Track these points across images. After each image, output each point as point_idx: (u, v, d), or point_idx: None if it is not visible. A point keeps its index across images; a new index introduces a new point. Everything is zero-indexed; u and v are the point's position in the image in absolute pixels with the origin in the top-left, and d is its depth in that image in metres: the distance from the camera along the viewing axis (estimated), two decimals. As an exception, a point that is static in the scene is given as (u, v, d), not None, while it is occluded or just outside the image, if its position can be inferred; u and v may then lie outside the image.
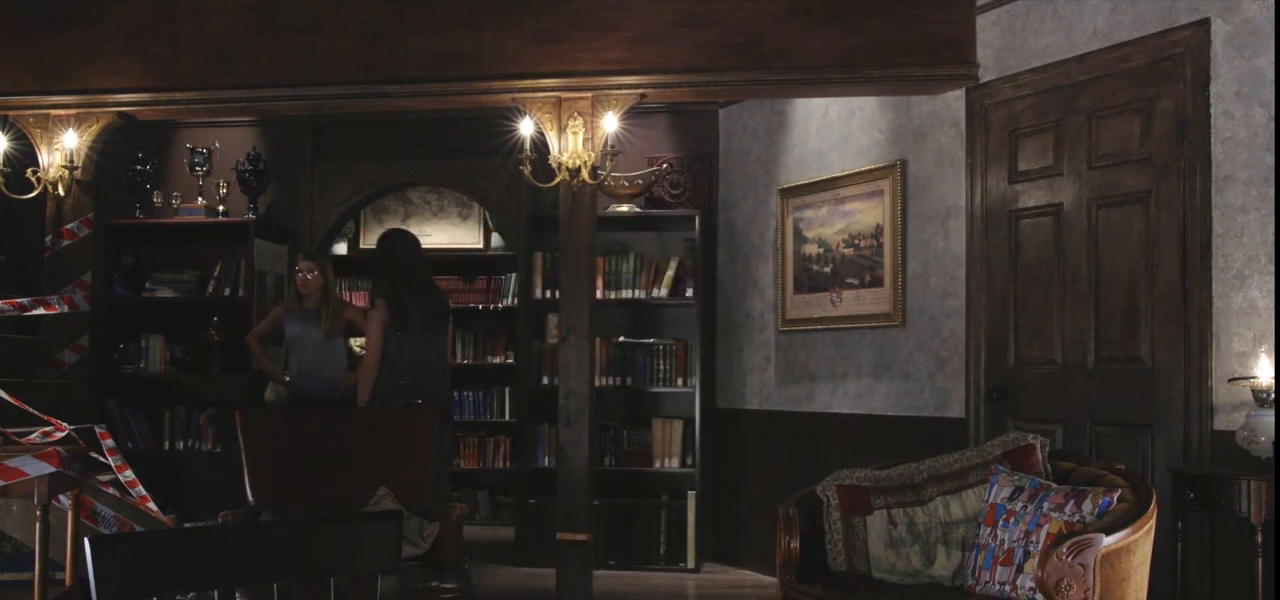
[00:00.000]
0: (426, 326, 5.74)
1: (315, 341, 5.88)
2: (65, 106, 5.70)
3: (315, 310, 5.88)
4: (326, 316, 5.85)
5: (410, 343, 5.68)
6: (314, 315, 5.88)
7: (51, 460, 3.81)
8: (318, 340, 5.88)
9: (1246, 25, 4.14)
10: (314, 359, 5.92)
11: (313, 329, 5.88)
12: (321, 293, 5.87)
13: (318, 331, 5.87)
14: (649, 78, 5.39)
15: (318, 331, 5.87)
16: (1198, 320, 4.26)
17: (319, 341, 5.88)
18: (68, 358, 5.79)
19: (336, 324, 5.92)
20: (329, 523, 1.74)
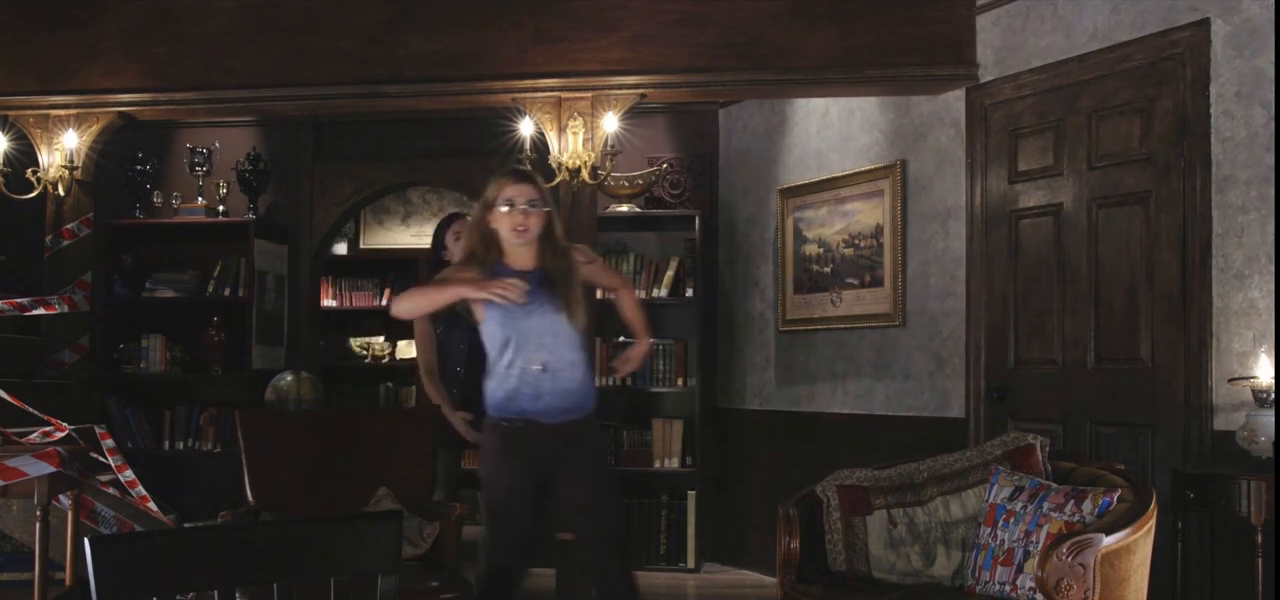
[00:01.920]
0: None
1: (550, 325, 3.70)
2: (65, 106, 5.70)
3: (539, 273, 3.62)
4: (560, 275, 3.62)
5: None
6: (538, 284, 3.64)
7: (51, 460, 3.81)
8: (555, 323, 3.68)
9: (1246, 25, 4.15)
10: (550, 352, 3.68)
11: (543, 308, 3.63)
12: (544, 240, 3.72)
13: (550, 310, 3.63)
14: (649, 78, 5.39)
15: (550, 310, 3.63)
16: (1198, 320, 4.26)
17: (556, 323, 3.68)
18: (68, 358, 5.79)
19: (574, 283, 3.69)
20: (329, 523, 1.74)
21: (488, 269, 3.54)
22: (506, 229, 3.54)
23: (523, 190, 3.53)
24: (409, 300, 3.73)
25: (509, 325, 3.53)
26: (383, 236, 7.93)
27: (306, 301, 7.02)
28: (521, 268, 3.56)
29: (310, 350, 7.03)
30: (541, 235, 3.58)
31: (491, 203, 3.55)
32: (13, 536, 4.90)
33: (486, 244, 3.59)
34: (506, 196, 3.52)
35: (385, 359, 7.92)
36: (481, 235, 3.60)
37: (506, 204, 3.52)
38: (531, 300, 3.49)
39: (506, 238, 3.56)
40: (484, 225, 3.58)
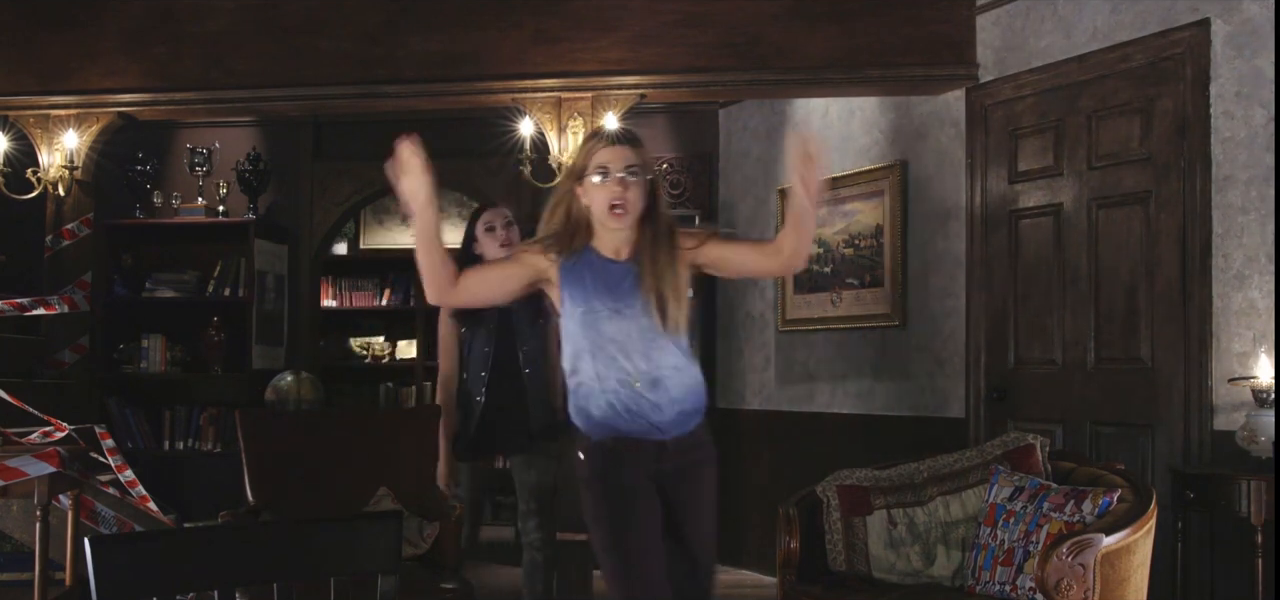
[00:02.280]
0: None
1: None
2: (65, 106, 5.70)
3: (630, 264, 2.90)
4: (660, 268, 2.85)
5: None
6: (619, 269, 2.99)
7: (52, 460, 3.82)
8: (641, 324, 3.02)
9: (1246, 25, 4.14)
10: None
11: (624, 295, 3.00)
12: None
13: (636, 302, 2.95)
14: (649, 78, 5.39)
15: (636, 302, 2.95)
16: (1198, 320, 4.26)
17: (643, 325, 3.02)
18: (68, 358, 5.79)
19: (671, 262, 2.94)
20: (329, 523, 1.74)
21: (572, 257, 2.79)
22: (601, 206, 2.74)
23: (620, 154, 2.73)
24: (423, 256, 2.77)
25: (590, 327, 2.76)
26: (383, 236, 7.93)
27: (306, 301, 7.02)
28: (614, 256, 2.80)
29: (310, 350, 7.03)
30: (643, 215, 2.78)
31: (580, 172, 2.77)
32: (13, 536, 4.90)
33: (572, 226, 2.80)
34: (599, 163, 2.73)
35: (385, 359, 7.93)
36: (567, 215, 2.80)
37: (599, 173, 2.72)
38: (619, 297, 2.76)
39: (600, 218, 2.77)
40: (571, 203, 2.79)
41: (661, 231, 2.80)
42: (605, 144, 2.78)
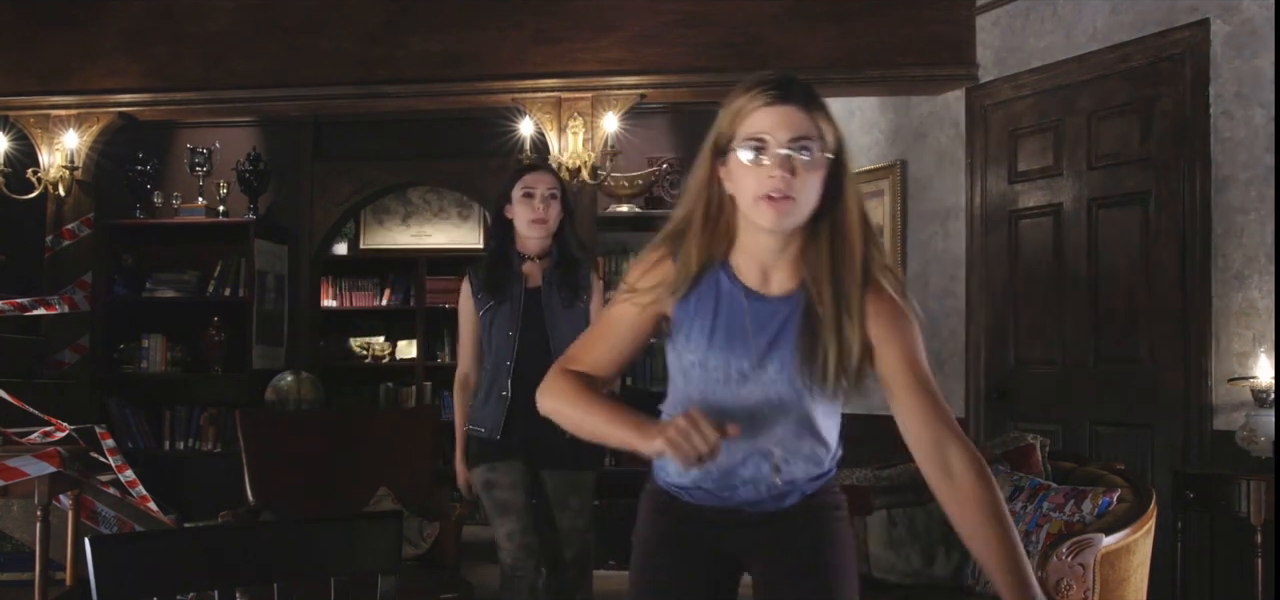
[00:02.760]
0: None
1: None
2: (66, 106, 5.71)
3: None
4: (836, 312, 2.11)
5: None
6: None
7: (52, 460, 3.82)
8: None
9: (1246, 26, 4.15)
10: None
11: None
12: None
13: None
14: (649, 78, 5.39)
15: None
16: (1197, 320, 4.26)
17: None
18: (68, 358, 5.79)
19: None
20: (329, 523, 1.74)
21: (693, 278, 1.91)
22: (754, 195, 1.82)
23: (788, 119, 1.80)
24: (553, 400, 2.00)
25: (701, 387, 1.96)
26: (383, 236, 7.93)
27: (306, 301, 7.02)
28: (764, 290, 1.90)
29: (310, 350, 7.03)
30: (812, 224, 1.86)
31: (726, 144, 1.84)
32: (13, 536, 4.90)
33: (712, 222, 1.90)
34: (754, 132, 1.81)
35: (385, 359, 7.93)
36: (706, 204, 1.90)
37: (752, 148, 1.81)
38: (760, 354, 1.90)
39: (753, 214, 1.83)
40: (708, 197, 1.90)
41: (848, 256, 1.83)
42: (765, 99, 1.80)
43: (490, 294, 3.57)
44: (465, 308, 3.68)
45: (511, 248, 3.62)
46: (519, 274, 3.60)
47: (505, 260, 3.61)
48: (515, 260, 3.61)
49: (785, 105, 1.80)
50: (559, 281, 3.60)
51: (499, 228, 3.65)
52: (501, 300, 3.56)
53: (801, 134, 1.79)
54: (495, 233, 3.70)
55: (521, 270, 3.61)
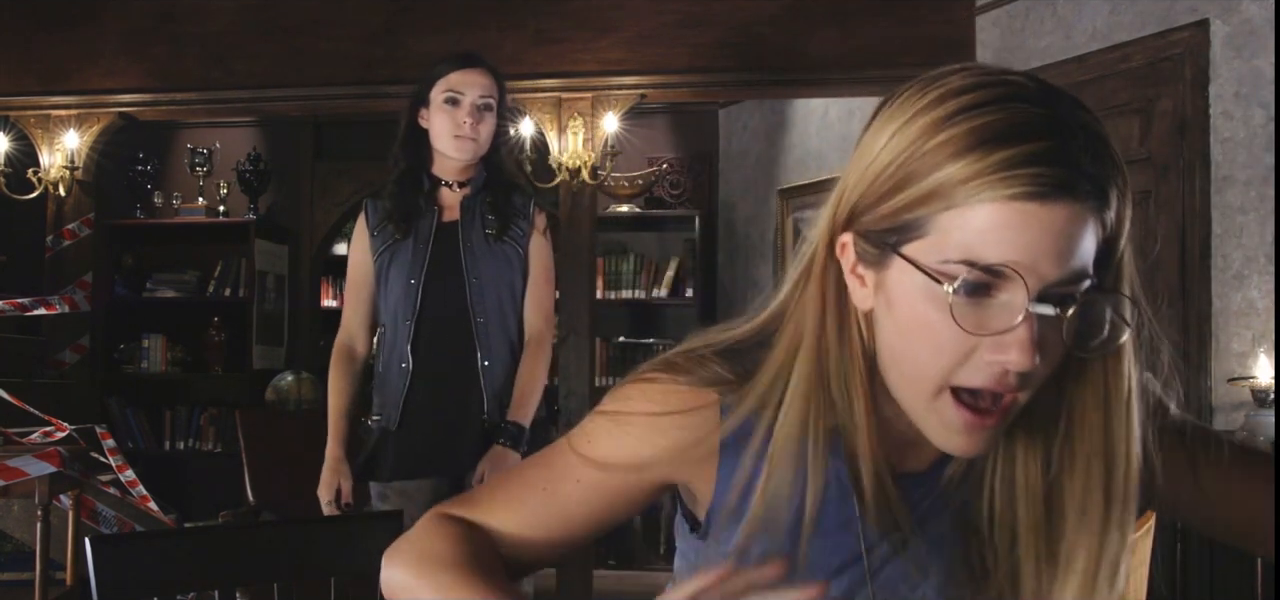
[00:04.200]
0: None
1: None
2: (66, 107, 5.71)
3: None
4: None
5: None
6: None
7: (52, 460, 3.82)
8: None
9: (1246, 26, 4.15)
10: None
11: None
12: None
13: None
14: (649, 78, 5.39)
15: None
16: (1197, 320, 4.26)
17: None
18: (68, 358, 5.79)
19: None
20: (329, 523, 1.74)
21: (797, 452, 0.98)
22: (962, 363, 0.89)
23: (1052, 229, 0.86)
24: (399, 567, 1.05)
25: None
26: (383, 236, 7.93)
27: (307, 301, 7.02)
28: (901, 464, 1.02)
29: (310, 350, 7.03)
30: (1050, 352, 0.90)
31: (890, 237, 0.91)
32: (13, 536, 4.90)
33: (834, 362, 0.97)
34: (998, 244, 0.86)
35: (385, 359, 7.92)
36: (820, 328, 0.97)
37: (983, 272, 0.87)
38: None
39: (924, 412, 0.94)
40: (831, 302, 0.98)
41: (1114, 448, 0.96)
42: (1018, 188, 0.86)
43: (393, 228, 2.75)
44: (356, 248, 2.85)
45: (424, 169, 2.77)
46: (432, 202, 2.76)
47: (414, 184, 2.75)
48: (426, 184, 2.76)
49: (1052, 203, 0.86)
50: (484, 209, 2.73)
51: (410, 139, 2.79)
52: (405, 235, 2.73)
53: (1076, 270, 0.88)
54: (404, 146, 2.80)
55: (437, 197, 2.77)
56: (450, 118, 2.70)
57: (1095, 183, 0.86)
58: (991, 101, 0.87)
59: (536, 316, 2.77)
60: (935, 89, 0.90)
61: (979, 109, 0.86)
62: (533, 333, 2.77)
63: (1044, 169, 0.84)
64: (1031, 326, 0.86)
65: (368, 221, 2.82)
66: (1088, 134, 0.87)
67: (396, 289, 2.73)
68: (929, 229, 0.88)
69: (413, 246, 2.72)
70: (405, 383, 2.69)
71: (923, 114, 0.89)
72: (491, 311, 2.71)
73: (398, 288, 2.72)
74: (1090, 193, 0.86)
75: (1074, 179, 0.85)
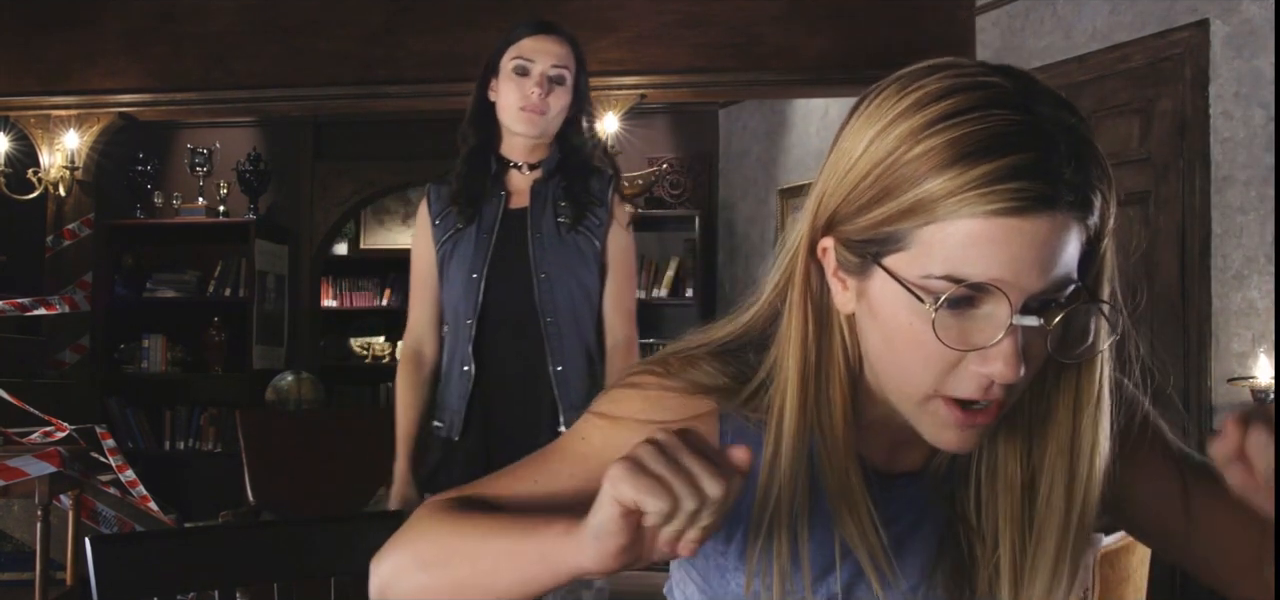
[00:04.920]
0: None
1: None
2: (66, 107, 5.71)
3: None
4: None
5: None
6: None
7: (52, 460, 3.82)
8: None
9: (1246, 26, 4.15)
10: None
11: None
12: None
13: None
14: (649, 78, 5.39)
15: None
16: (1197, 320, 4.26)
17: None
18: (68, 358, 5.79)
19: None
20: (329, 523, 1.74)
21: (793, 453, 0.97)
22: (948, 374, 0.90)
23: (1036, 242, 0.85)
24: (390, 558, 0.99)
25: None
26: (383, 236, 7.93)
27: (307, 301, 7.02)
28: (890, 466, 1.04)
29: (310, 350, 7.03)
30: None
31: (874, 244, 0.91)
32: (13, 536, 4.90)
33: (817, 368, 0.97)
34: (987, 258, 0.85)
35: (385, 359, 7.92)
36: (805, 330, 0.98)
37: (966, 286, 0.86)
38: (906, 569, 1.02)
39: (917, 413, 0.94)
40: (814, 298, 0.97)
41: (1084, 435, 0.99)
42: (1006, 202, 0.84)
43: (456, 215, 2.45)
44: (419, 239, 2.52)
45: (492, 149, 2.47)
46: (500, 186, 2.44)
47: (481, 165, 2.46)
48: (495, 167, 2.46)
49: (1035, 217, 0.85)
50: (556, 195, 2.42)
51: (479, 114, 2.49)
52: (469, 221, 2.43)
53: (1060, 278, 0.87)
54: (473, 121, 2.50)
55: (505, 181, 2.45)
56: (518, 88, 2.41)
57: (1078, 191, 0.85)
58: (971, 108, 0.85)
59: (619, 320, 2.44)
60: (913, 92, 0.88)
61: (958, 117, 0.85)
62: (616, 339, 2.44)
63: (1026, 183, 0.83)
64: (1016, 339, 0.86)
65: (430, 208, 2.50)
66: (1070, 139, 0.86)
67: (458, 283, 2.42)
68: (910, 242, 0.87)
69: (476, 236, 2.40)
70: (468, 388, 2.38)
71: (901, 120, 0.87)
72: (563, 311, 2.38)
73: (459, 282, 2.41)
74: (1073, 203, 0.85)
75: (1056, 191, 0.84)
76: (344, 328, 7.96)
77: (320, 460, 4.41)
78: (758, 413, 0.98)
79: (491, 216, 2.41)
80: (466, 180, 2.44)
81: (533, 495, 1.01)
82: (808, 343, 0.96)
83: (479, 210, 2.42)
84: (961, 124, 0.84)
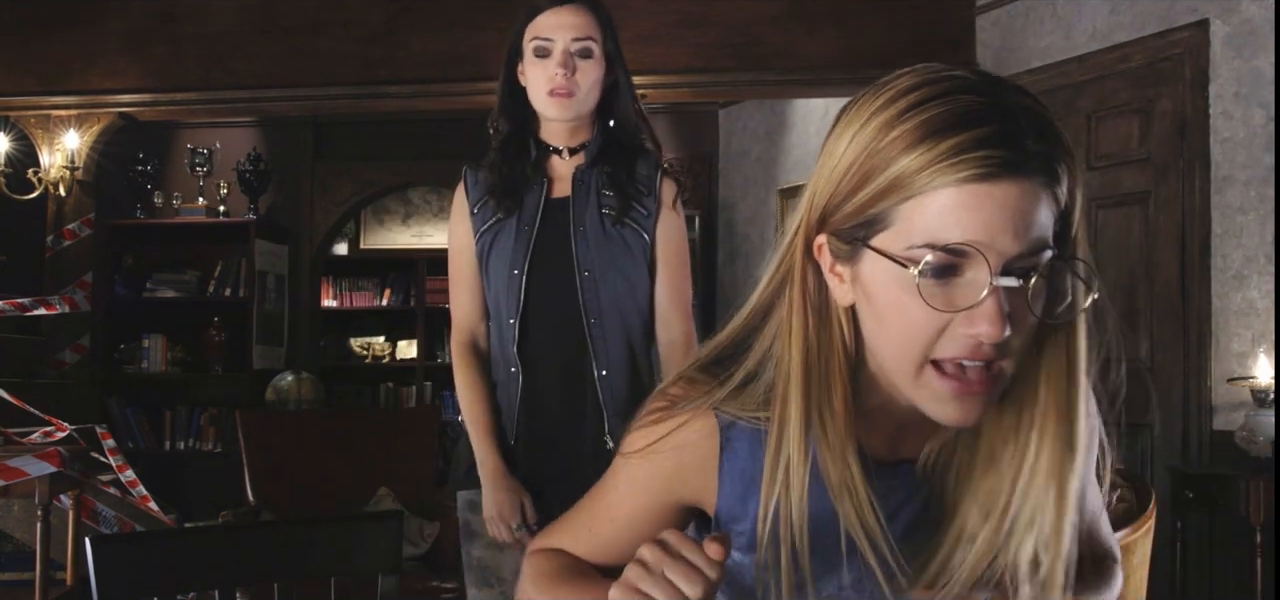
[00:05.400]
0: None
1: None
2: (66, 107, 5.71)
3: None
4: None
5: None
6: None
7: (52, 460, 3.82)
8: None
9: (1245, 26, 4.15)
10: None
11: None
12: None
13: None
14: (649, 78, 5.39)
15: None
16: (1197, 320, 4.26)
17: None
18: (69, 358, 5.79)
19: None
20: (329, 523, 1.74)
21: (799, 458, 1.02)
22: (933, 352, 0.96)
23: (1012, 213, 0.92)
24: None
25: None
26: (383, 236, 7.94)
27: (307, 301, 7.03)
28: (892, 454, 1.08)
29: (310, 350, 7.03)
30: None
31: (859, 226, 0.98)
32: (13, 536, 4.90)
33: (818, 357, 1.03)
34: (960, 231, 0.92)
35: (385, 359, 7.93)
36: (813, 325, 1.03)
37: (942, 262, 0.93)
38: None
39: (911, 386, 0.98)
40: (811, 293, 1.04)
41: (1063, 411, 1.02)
42: (973, 171, 0.91)
43: (495, 204, 2.25)
44: (456, 229, 2.32)
45: (531, 133, 2.28)
46: (541, 173, 2.25)
47: (520, 150, 2.27)
48: (535, 152, 2.26)
49: (1003, 182, 0.91)
50: (600, 183, 2.23)
51: (509, 99, 2.31)
52: (509, 213, 2.24)
53: (1035, 241, 0.93)
54: (504, 108, 2.32)
55: (546, 168, 2.26)
56: (541, 71, 2.22)
57: (1042, 160, 0.91)
58: (938, 95, 0.92)
59: (674, 315, 2.24)
60: (886, 91, 0.96)
61: (927, 103, 0.92)
62: (673, 335, 2.24)
63: (991, 151, 0.90)
64: (998, 298, 0.91)
65: (468, 194, 2.30)
66: (1030, 116, 0.92)
67: (499, 279, 2.23)
68: (893, 219, 0.94)
69: (516, 228, 2.21)
70: (516, 389, 2.22)
71: (877, 114, 0.95)
72: (608, 311, 2.20)
73: (500, 278, 2.22)
74: (1038, 169, 0.91)
75: (1021, 158, 0.91)
76: (344, 328, 7.97)
77: (320, 460, 4.41)
78: (755, 406, 1.05)
79: (533, 207, 2.22)
80: (504, 171, 2.24)
81: (602, 540, 1.20)
82: (809, 336, 1.02)
83: (520, 200, 2.23)
84: (931, 107, 0.92)
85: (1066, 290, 0.96)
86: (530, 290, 2.19)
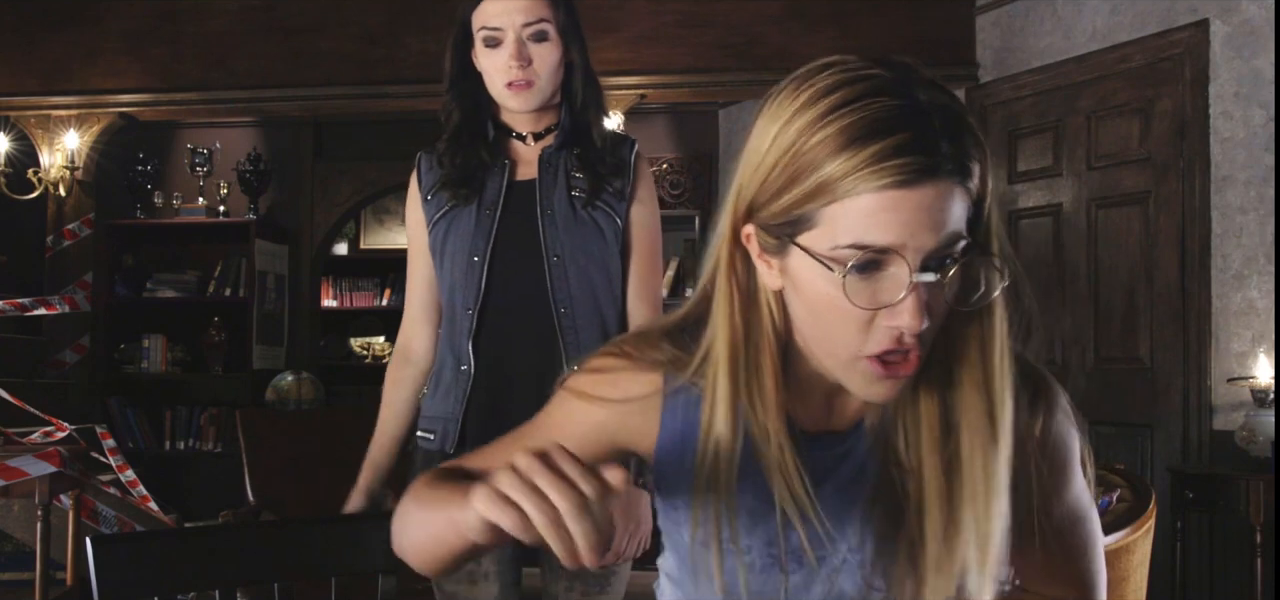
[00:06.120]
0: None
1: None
2: (66, 107, 5.71)
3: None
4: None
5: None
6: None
7: (53, 460, 3.82)
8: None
9: (1245, 26, 4.15)
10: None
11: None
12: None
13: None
14: (649, 78, 5.39)
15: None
16: (1197, 320, 4.26)
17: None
18: (69, 358, 5.79)
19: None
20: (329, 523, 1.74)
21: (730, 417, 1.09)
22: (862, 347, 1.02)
23: (923, 212, 0.98)
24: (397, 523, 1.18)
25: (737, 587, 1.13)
26: (383, 236, 7.93)
27: (307, 301, 7.02)
28: (825, 423, 1.15)
29: (310, 350, 7.03)
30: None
31: (789, 223, 1.02)
32: (14, 536, 4.90)
33: (747, 338, 1.09)
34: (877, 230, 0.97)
35: (385, 359, 7.91)
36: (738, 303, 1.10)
37: (867, 257, 0.98)
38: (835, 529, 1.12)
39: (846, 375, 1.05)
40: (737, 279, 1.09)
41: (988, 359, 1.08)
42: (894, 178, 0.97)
43: (451, 190, 2.06)
44: (410, 215, 2.15)
45: (487, 114, 2.09)
46: (501, 157, 2.06)
47: (478, 131, 2.08)
48: (492, 133, 2.08)
49: (921, 186, 0.97)
50: (570, 165, 2.06)
51: (461, 81, 2.11)
52: (467, 201, 2.04)
53: (950, 235, 0.99)
54: (455, 91, 2.12)
55: (507, 150, 2.08)
56: (494, 62, 2.02)
57: (956, 160, 0.98)
58: (857, 98, 0.97)
59: (644, 308, 2.10)
60: (807, 90, 1.00)
61: (847, 107, 0.97)
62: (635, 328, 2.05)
63: (909, 158, 0.95)
64: (919, 294, 0.97)
65: (420, 180, 2.12)
66: (945, 116, 0.98)
67: (456, 268, 2.03)
68: (818, 220, 0.99)
69: (476, 213, 2.02)
70: (464, 390, 2.01)
71: (799, 115, 1.00)
72: (578, 299, 2.02)
73: (458, 266, 2.02)
74: (953, 170, 0.98)
75: (936, 162, 0.96)
76: (344, 328, 7.96)
77: (320, 460, 4.41)
78: (699, 377, 1.12)
79: (495, 190, 2.02)
80: (457, 157, 2.05)
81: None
82: (735, 319, 1.09)
83: (479, 187, 2.03)
84: (850, 113, 0.97)
85: (980, 280, 1.02)
86: (491, 278, 2.00)
